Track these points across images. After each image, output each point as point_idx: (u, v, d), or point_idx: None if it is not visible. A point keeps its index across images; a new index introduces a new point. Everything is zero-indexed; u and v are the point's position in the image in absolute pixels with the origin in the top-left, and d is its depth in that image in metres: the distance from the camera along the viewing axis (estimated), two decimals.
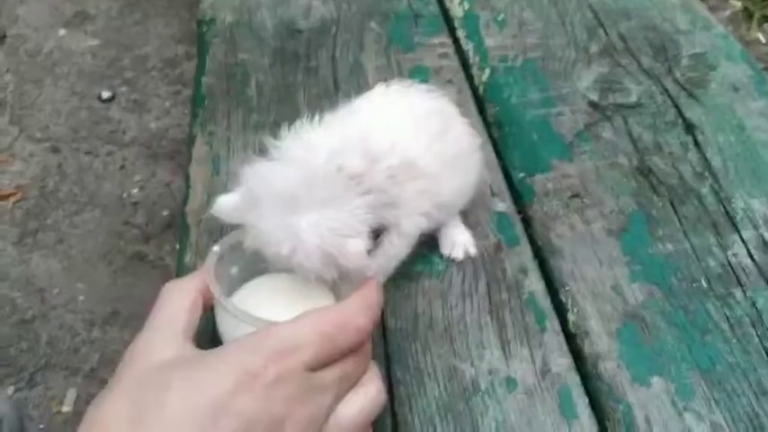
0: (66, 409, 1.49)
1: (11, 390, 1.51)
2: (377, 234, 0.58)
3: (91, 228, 1.82)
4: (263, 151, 0.55)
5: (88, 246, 1.78)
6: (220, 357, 0.47)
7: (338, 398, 0.49)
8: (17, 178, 1.93)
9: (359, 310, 0.50)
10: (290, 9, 1.00)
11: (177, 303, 0.53)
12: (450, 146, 0.62)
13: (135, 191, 1.91)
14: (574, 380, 0.59)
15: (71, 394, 1.51)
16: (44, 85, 2.17)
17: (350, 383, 0.50)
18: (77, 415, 1.48)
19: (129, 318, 1.65)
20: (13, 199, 1.88)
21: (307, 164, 0.53)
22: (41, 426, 1.46)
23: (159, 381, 0.45)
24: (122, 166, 1.97)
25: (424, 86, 0.64)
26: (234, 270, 0.60)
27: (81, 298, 1.68)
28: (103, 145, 2.02)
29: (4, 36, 2.33)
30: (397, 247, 0.61)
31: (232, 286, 0.59)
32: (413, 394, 0.59)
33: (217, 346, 0.52)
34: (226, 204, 0.56)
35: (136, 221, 1.84)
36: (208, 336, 0.55)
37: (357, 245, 0.51)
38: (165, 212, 1.86)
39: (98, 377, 1.54)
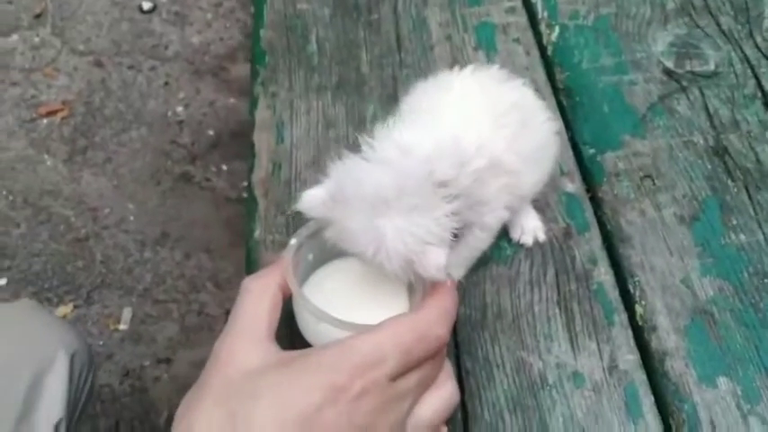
0: (122, 327, 1.57)
1: (70, 306, 1.59)
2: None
3: (138, 147, 1.84)
4: (355, 147, 0.54)
5: (136, 165, 1.81)
6: (306, 370, 0.48)
7: (416, 401, 0.52)
8: (63, 93, 1.94)
9: (437, 320, 0.52)
10: None
11: (259, 303, 0.54)
12: (531, 139, 0.60)
13: (180, 109, 1.91)
14: (641, 378, 0.60)
15: (127, 313, 1.59)
16: None
17: (427, 386, 0.52)
18: (133, 333, 1.55)
19: (179, 239, 1.69)
20: (60, 114, 1.89)
21: (400, 168, 0.52)
22: (101, 343, 1.54)
23: (249, 390, 0.48)
24: (166, 83, 1.95)
25: (502, 73, 0.62)
26: (309, 257, 0.61)
27: (131, 218, 1.73)
28: (146, 59, 2.00)
29: None
30: (480, 241, 0.61)
31: (306, 272, 0.60)
32: (483, 386, 0.61)
33: (294, 334, 0.55)
34: (312, 199, 0.56)
35: (182, 141, 1.85)
36: (284, 323, 0.56)
37: (438, 256, 0.52)
38: (211, 132, 1.87)
39: (151, 297, 1.61)
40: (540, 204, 0.70)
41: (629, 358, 0.62)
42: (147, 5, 2.09)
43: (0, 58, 2.00)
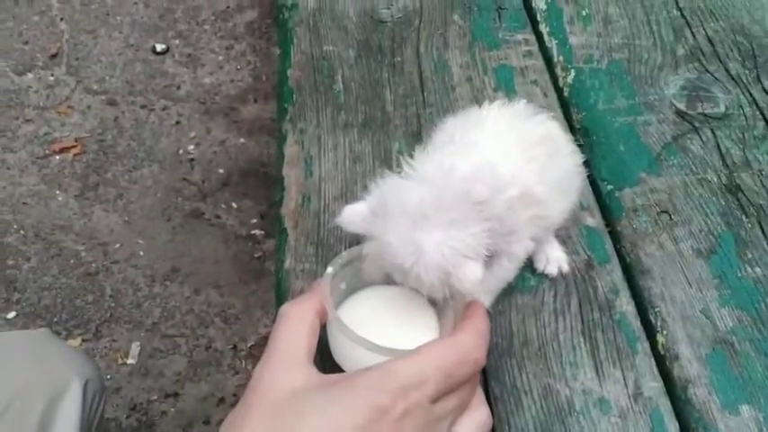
0: (130, 361, 1.57)
1: (79, 340, 1.59)
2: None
3: (149, 183, 1.87)
4: (397, 167, 0.57)
5: (147, 201, 1.83)
6: (350, 390, 0.50)
7: (453, 423, 0.53)
8: (76, 130, 1.97)
9: (476, 344, 0.54)
10: None
11: (297, 329, 0.56)
12: (558, 170, 0.63)
13: (191, 147, 1.94)
14: (665, 405, 0.62)
15: (135, 347, 1.59)
16: (98, 36, 2.19)
17: (463, 409, 0.54)
18: (141, 368, 1.56)
19: (188, 275, 1.71)
20: (73, 151, 1.92)
21: (440, 185, 0.55)
22: (108, 377, 1.54)
23: (294, 410, 0.49)
24: (178, 122, 1.99)
25: (529, 108, 0.65)
26: (343, 285, 0.63)
27: (141, 253, 1.74)
28: (159, 99, 2.04)
29: None
30: (507, 271, 0.64)
31: (339, 299, 0.63)
32: (511, 412, 0.62)
33: (324, 359, 0.57)
34: (353, 214, 0.58)
35: (192, 179, 1.88)
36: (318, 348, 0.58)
37: (474, 270, 0.54)
38: (221, 170, 1.90)
39: (159, 331, 1.62)
40: (561, 237, 0.73)
41: (653, 385, 0.63)
42: (160, 47, 2.14)
43: (15, 96, 2.04)
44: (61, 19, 2.23)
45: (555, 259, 0.71)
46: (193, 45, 2.17)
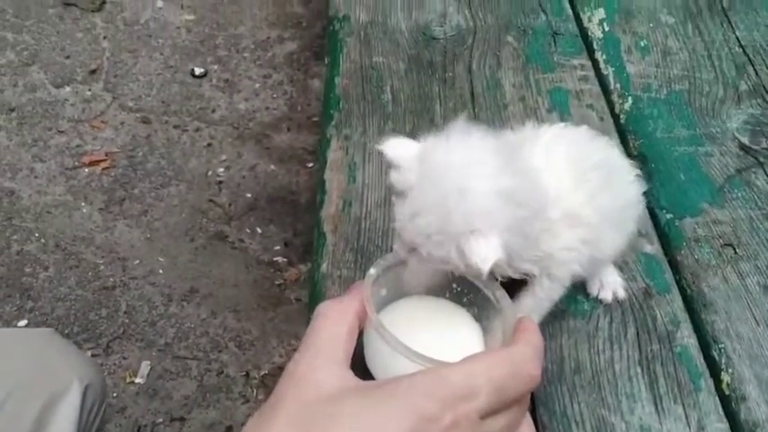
0: (138, 380, 1.51)
1: (88, 354, 1.54)
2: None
3: (175, 202, 1.84)
4: None
5: (171, 220, 1.81)
6: (393, 396, 0.45)
7: None
8: (108, 145, 1.96)
9: (531, 358, 0.49)
10: (425, 13, 0.98)
11: (336, 328, 0.51)
12: (615, 198, 0.59)
13: (220, 170, 1.92)
14: None
15: (144, 366, 1.54)
16: (139, 56, 2.20)
17: (512, 430, 0.49)
18: (149, 388, 1.50)
19: (206, 296, 1.66)
20: (102, 165, 1.91)
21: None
22: (114, 395, 1.48)
23: (328, 412, 0.44)
24: (209, 144, 1.98)
25: (591, 133, 0.61)
26: (383, 292, 0.58)
27: (161, 271, 1.71)
28: (192, 121, 2.04)
29: (104, 3, 2.36)
30: (549, 290, 0.59)
31: (379, 306, 0.58)
32: None
33: (356, 368, 0.52)
34: (401, 145, 0.54)
35: (219, 201, 1.85)
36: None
37: (490, 246, 0.49)
38: (249, 195, 1.87)
39: (171, 352, 1.56)
40: (617, 263, 0.68)
41: (719, 426, 0.58)
42: (198, 71, 2.15)
43: (50, 108, 2.05)
44: (104, 37, 2.26)
45: (610, 284, 0.66)
46: (232, 71, 2.18)
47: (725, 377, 0.61)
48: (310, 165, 1.95)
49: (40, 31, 2.27)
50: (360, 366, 0.53)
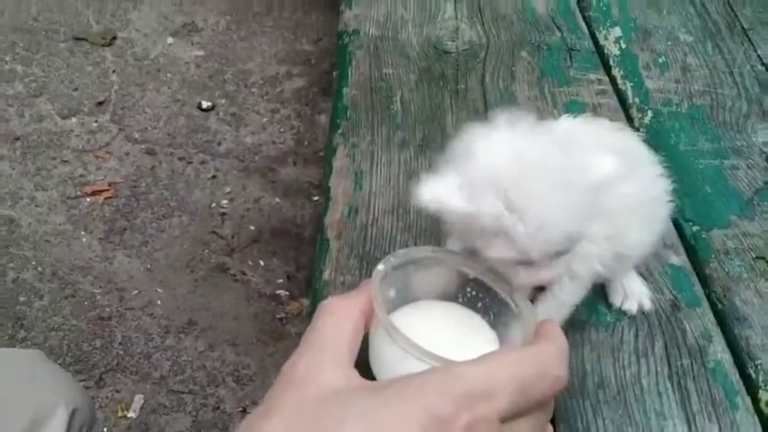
0: (131, 414, 1.45)
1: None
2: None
3: (177, 234, 1.80)
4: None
5: (172, 251, 1.76)
6: (402, 397, 0.40)
7: None
8: (111, 175, 1.94)
9: (557, 358, 0.43)
10: (437, 29, 0.96)
11: (341, 325, 0.47)
12: (638, 192, 0.55)
13: (224, 202, 1.89)
14: None
15: (138, 400, 1.47)
16: (147, 89, 2.20)
17: None
18: (141, 423, 1.43)
19: (205, 329, 1.61)
20: (105, 195, 1.88)
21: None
22: (104, 429, 1.42)
23: (332, 412, 0.39)
24: (214, 176, 1.95)
25: (615, 124, 0.58)
26: (392, 293, 0.54)
27: (159, 302, 1.65)
28: (198, 153, 2.01)
29: (114, 38, 2.37)
30: (567, 292, 0.54)
31: (387, 307, 0.53)
32: None
33: (361, 369, 0.47)
34: (440, 187, 0.49)
35: (222, 232, 1.81)
36: None
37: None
38: (252, 227, 1.83)
39: (166, 386, 1.50)
40: (642, 272, 0.63)
41: None
42: (206, 104, 2.14)
43: (56, 138, 2.03)
44: (113, 71, 2.26)
45: (635, 294, 0.61)
46: (239, 105, 2.17)
47: (763, 395, 0.56)
48: (316, 198, 1.91)
49: (49, 63, 2.27)
50: (363, 370, 0.48)
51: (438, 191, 0.46)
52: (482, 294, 0.54)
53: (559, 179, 0.45)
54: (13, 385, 0.75)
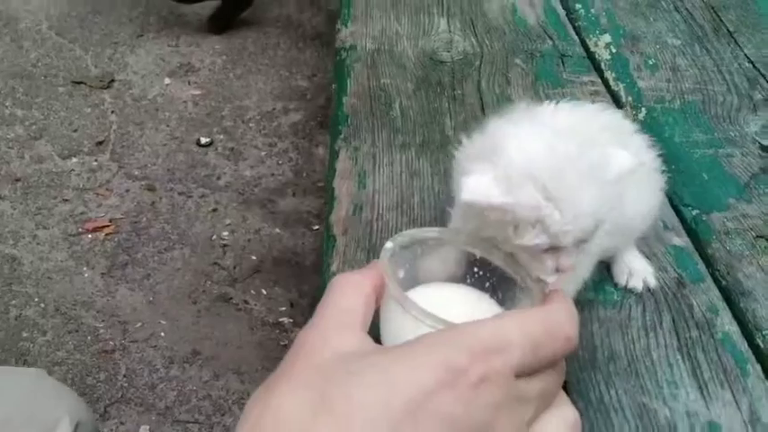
0: None
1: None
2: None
3: (179, 266, 1.81)
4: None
5: (174, 283, 1.76)
6: (417, 351, 0.40)
7: (537, 414, 0.42)
8: (112, 212, 1.95)
9: (567, 318, 0.44)
10: (431, 41, 0.99)
11: (352, 297, 0.47)
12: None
13: (225, 234, 1.90)
14: None
15: (144, 431, 1.46)
16: (146, 128, 2.23)
17: (547, 402, 0.44)
18: None
19: (209, 358, 1.60)
20: (106, 231, 1.89)
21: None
22: None
23: (348, 371, 0.39)
24: (214, 209, 1.97)
25: (600, 106, 0.60)
26: (401, 273, 0.54)
27: (162, 334, 1.65)
28: (198, 187, 2.03)
29: (112, 81, 2.41)
30: (577, 267, 0.55)
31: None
32: (599, 430, 0.51)
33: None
34: (482, 184, 0.51)
35: (224, 263, 1.82)
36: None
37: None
38: (254, 257, 1.84)
39: (172, 416, 1.49)
40: (645, 254, 0.64)
41: None
42: (204, 140, 2.17)
43: (56, 178, 2.05)
44: (112, 112, 2.29)
45: (639, 272, 0.62)
46: (237, 140, 2.20)
47: None
48: (316, 227, 1.92)
49: (49, 107, 2.30)
50: None
51: (479, 188, 0.48)
52: (489, 274, 0.54)
53: (589, 171, 0.47)
54: (16, 401, 0.75)
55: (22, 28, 2.63)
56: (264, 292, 1.76)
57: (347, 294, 0.47)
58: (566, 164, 0.48)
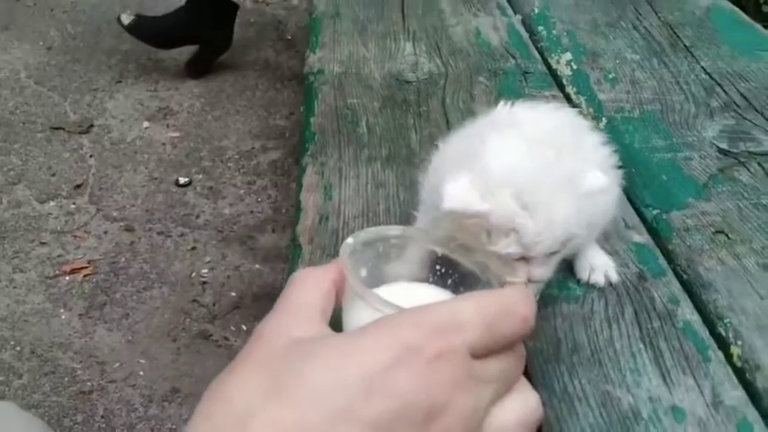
0: None
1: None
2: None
3: (158, 304, 1.79)
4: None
5: (153, 321, 1.74)
6: (374, 332, 0.40)
7: (496, 398, 0.42)
8: (90, 253, 1.94)
9: (522, 299, 0.44)
10: (397, 63, 1.01)
11: (312, 290, 0.47)
12: (587, 157, 0.57)
13: (204, 271, 1.89)
14: (753, 415, 0.51)
15: None
16: (124, 171, 2.23)
17: (507, 384, 0.44)
18: None
19: (189, 396, 1.57)
20: (84, 272, 1.87)
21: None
22: None
23: (303, 353, 0.39)
24: (194, 248, 1.96)
25: (553, 105, 0.61)
26: (363, 272, 0.54)
27: (141, 373, 1.62)
28: (177, 226, 2.03)
29: (91, 126, 2.43)
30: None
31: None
32: (563, 419, 0.51)
33: None
34: (460, 190, 0.51)
35: (203, 300, 1.80)
36: None
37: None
38: (233, 294, 1.83)
39: None
40: (607, 251, 0.65)
41: (735, 395, 0.52)
42: (183, 180, 2.17)
43: (33, 221, 2.04)
44: (90, 156, 2.29)
45: (600, 266, 0.63)
46: (216, 179, 2.20)
47: (734, 350, 0.56)
48: None
49: (27, 153, 2.30)
50: None
51: (458, 196, 0.50)
52: (451, 271, 0.55)
53: (565, 183, 0.48)
54: None
55: (1, 77, 2.65)
56: (245, 327, 1.74)
57: (307, 288, 0.47)
58: (541, 174, 0.49)
